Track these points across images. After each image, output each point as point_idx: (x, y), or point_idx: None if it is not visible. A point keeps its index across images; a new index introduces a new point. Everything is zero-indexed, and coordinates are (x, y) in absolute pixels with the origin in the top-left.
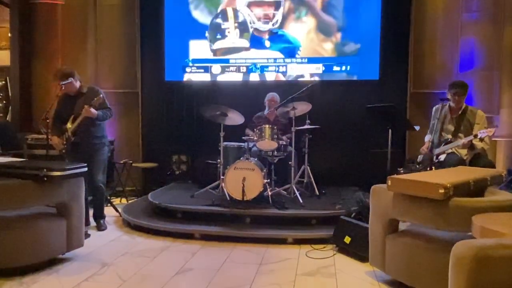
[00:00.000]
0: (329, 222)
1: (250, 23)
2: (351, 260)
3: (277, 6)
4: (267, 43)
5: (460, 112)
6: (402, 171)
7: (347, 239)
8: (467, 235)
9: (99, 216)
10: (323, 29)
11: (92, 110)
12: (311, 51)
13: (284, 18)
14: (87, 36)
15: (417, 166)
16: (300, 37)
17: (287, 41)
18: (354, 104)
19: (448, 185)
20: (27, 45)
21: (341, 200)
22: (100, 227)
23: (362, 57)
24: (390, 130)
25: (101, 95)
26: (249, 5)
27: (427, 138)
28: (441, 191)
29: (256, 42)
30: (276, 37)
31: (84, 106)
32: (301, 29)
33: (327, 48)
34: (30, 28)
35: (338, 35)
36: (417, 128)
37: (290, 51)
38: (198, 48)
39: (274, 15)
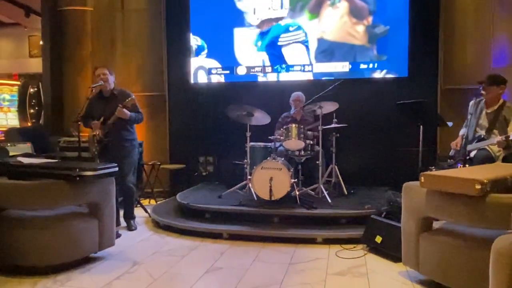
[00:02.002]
0: (359, 222)
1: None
2: (383, 260)
3: None
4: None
5: (496, 107)
6: (434, 170)
7: (378, 239)
8: (505, 233)
9: (130, 216)
10: (355, 13)
11: (125, 111)
12: (343, 33)
13: (319, 4)
14: (115, 41)
15: (449, 160)
16: (334, 21)
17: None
18: (382, 102)
19: (485, 180)
20: (58, 52)
21: (370, 200)
22: (130, 227)
23: (391, 53)
24: (421, 127)
25: (133, 96)
26: None
27: (462, 132)
28: (478, 187)
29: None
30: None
31: (118, 106)
32: (335, 14)
33: (359, 31)
34: (61, 35)
35: (370, 19)
36: (450, 124)
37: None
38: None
39: None
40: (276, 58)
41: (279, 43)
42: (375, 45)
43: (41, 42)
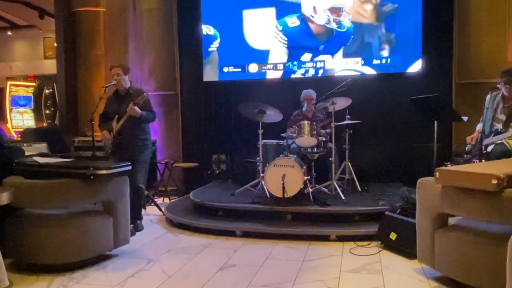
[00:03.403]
0: (373, 219)
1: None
2: (397, 257)
3: None
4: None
5: None
6: (449, 165)
7: (393, 236)
8: None
9: (137, 216)
10: None
11: (136, 108)
12: (352, 12)
13: None
14: (128, 41)
15: (465, 156)
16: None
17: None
18: (395, 98)
19: (502, 175)
20: (72, 53)
21: (384, 196)
22: (136, 228)
23: (403, 47)
24: (435, 122)
25: (145, 94)
26: None
27: (479, 127)
28: (494, 182)
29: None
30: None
31: (130, 104)
32: None
33: (367, 9)
34: (74, 36)
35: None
36: (465, 118)
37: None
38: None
39: None
40: (300, 37)
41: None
42: (383, 23)
43: (55, 44)
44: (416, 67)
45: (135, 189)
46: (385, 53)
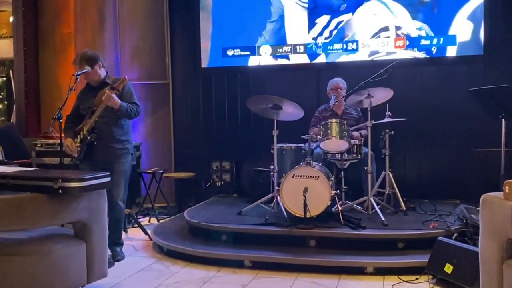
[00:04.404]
0: (421, 246)
1: None
2: None
3: None
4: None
5: None
6: None
7: (448, 268)
8: None
9: (116, 242)
10: None
11: (114, 96)
12: None
13: None
14: (105, 17)
15: None
16: None
17: None
18: (451, 89)
19: None
20: (32, 31)
21: (436, 217)
22: (115, 256)
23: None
24: (503, 121)
25: (126, 77)
26: None
27: None
28: None
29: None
30: None
31: (105, 91)
32: None
33: None
34: (36, 10)
35: None
36: None
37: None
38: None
39: None
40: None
41: None
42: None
43: (11, 19)
44: (476, 49)
45: (112, 207)
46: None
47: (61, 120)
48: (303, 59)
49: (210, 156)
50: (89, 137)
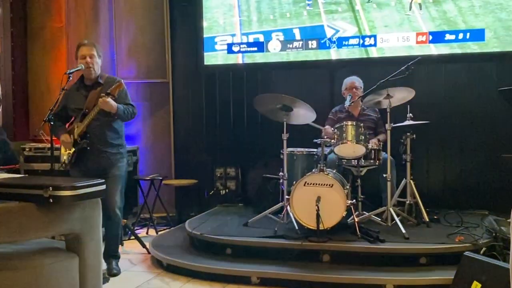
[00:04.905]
0: (446, 262)
1: None
2: None
3: None
4: None
5: None
6: None
7: (476, 286)
8: None
9: (112, 254)
10: None
11: (111, 101)
12: None
13: None
14: (99, 9)
15: None
16: None
17: None
18: (478, 88)
19: None
20: (21, 25)
21: (462, 230)
22: (111, 271)
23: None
24: None
25: (122, 81)
26: None
27: None
28: None
29: None
30: None
31: (100, 97)
32: None
33: None
34: (25, 3)
35: None
36: None
37: None
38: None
39: None
40: None
41: None
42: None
43: None
44: (507, 44)
45: (108, 216)
46: (461, 24)
47: (52, 123)
48: (316, 55)
49: (213, 161)
50: (81, 143)
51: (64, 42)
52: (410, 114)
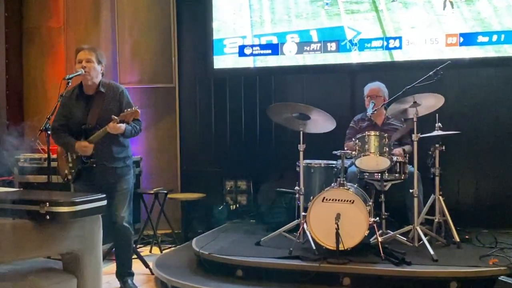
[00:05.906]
0: (479, 287)
1: None
2: None
3: None
4: None
5: None
6: None
7: None
8: None
9: (126, 272)
10: None
11: (122, 125)
12: None
13: None
14: (101, 8)
15: None
16: None
17: None
18: None
19: None
20: (16, 25)
21: (497, 251)
22: None
23: None
24: None
25: (137, 108)
26: None
27: None
28: None
29: None
30: None
31: (112, 119)
32: None
33: None
34: (21, 2)
35: None
36: None
37: None
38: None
39: None
40: None
41: None
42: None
43: None
44: None
45: (118, 231)
46: (497, 25)
47: (49, 132)
48: (335, 58)
49: (223, 173)
50: (87, 162)
51: (62, 44)
52: (439, 124)
